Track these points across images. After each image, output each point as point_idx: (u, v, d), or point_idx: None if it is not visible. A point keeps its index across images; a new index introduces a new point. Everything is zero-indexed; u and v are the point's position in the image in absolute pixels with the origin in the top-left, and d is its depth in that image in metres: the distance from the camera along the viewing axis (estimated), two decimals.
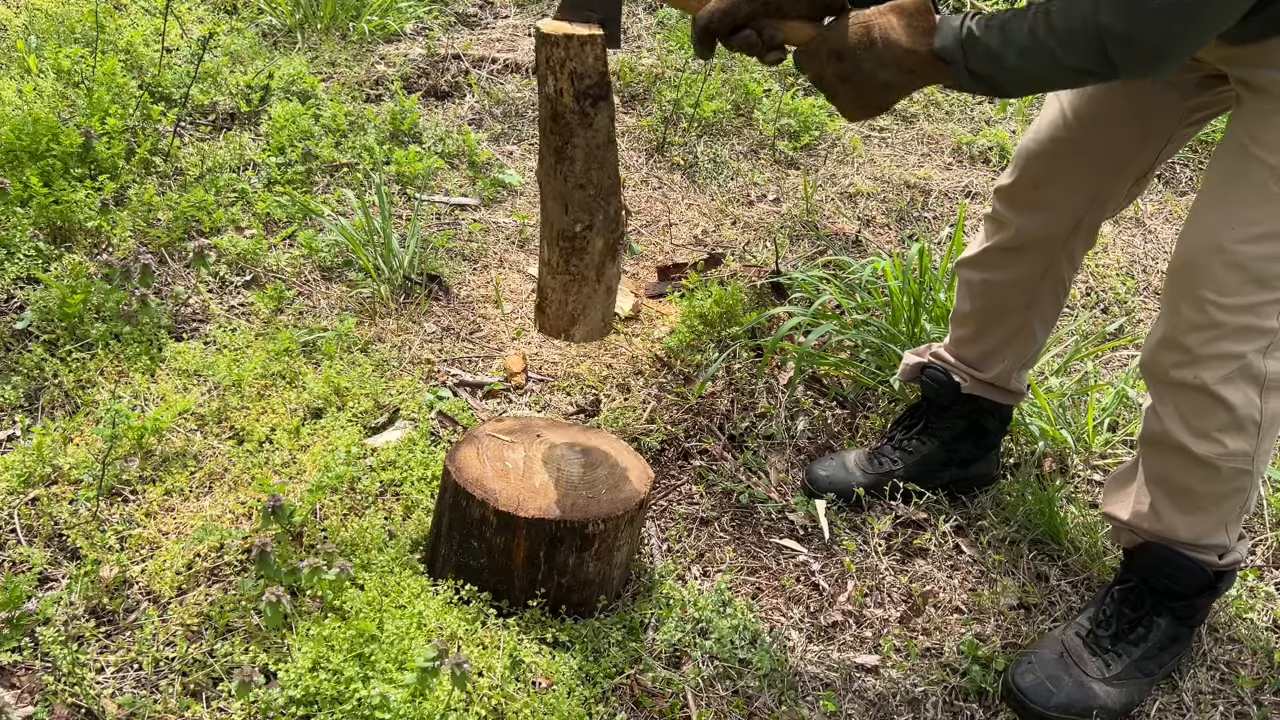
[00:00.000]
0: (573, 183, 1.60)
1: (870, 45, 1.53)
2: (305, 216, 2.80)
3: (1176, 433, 1.65)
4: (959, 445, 2.17)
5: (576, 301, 1.70)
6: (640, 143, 3.45)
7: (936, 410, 2.16)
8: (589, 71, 1.52)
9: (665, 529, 2.07)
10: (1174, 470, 1.70)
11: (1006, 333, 2.04)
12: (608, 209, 1.63)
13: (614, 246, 1.67)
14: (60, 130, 2.65)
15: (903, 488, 2.14)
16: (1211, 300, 1.56)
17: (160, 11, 3.61)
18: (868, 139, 3.67)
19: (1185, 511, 1.72)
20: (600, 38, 1.52)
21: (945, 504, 2.17)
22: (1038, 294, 1.99)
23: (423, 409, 2.22)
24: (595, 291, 1.69)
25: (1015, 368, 2.09)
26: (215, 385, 2.17)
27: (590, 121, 1.55)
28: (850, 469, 2.18)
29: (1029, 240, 1.93)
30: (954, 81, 1.53)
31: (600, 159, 1.59)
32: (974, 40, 1.47)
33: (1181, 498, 1.71)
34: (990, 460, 2.21)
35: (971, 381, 2.10)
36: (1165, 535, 1.75)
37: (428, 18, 4.05)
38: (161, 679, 1.63)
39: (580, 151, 1.57)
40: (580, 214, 1.62)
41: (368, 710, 1.52)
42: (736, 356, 2.48)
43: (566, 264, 1.67)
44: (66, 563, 1.81)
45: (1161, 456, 1.71)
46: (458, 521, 1.75)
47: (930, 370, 2.14)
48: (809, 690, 1.79)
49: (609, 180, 1.61)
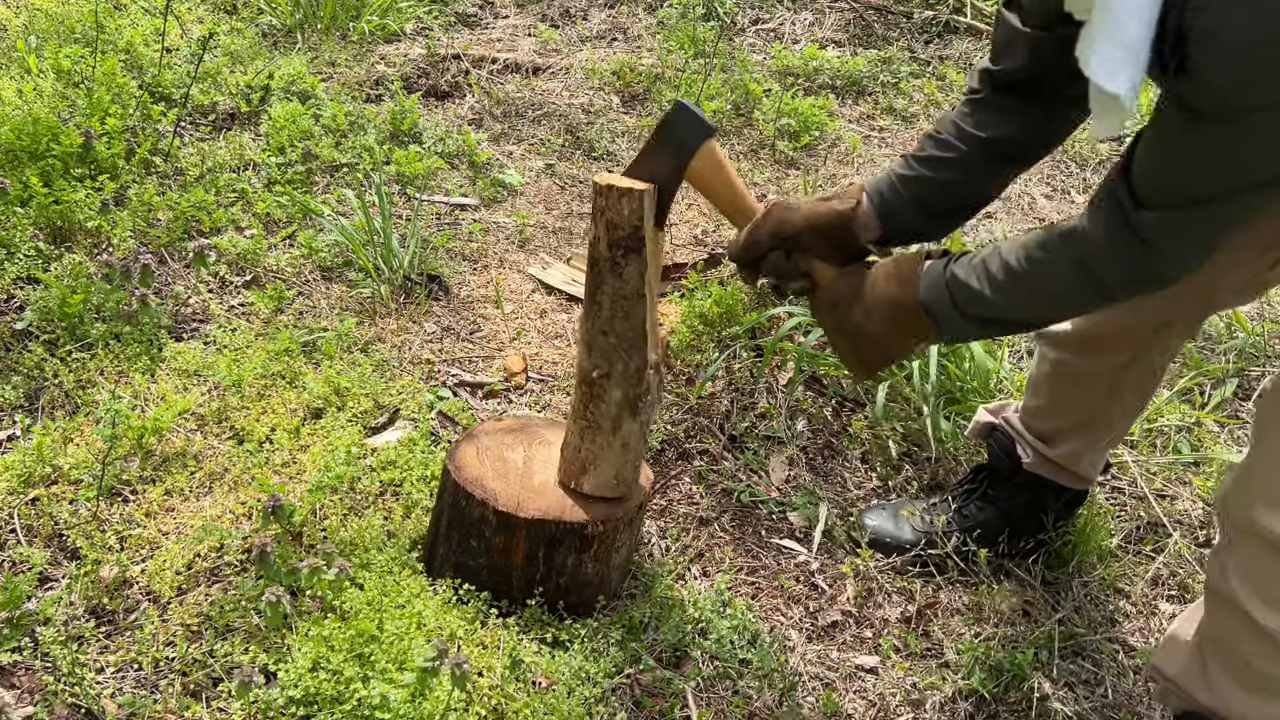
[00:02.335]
0: (598, 328, 1.63)
1: (860, 297, 1.54)
2: (305, 216, 2.80)
3: (1241, 594, 1.44)
4: (1017, 519, 2.02)
5: (589, 450, 1.71)
6: (640, 143, 3.45)
7: (998, 478, 2.03)
8: (623, 224, 1.55)
9: (665, 529, 2.07)
10: (1233, 637, 1.49)
11: (1081, 416, 1.89)
12: (629, 361, 1.64)
13: (634, 403, 1.67)
14: (60, 130, 2.65)
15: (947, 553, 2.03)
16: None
17: (160, 11, 3.61)
18: (868, 139, 3.66)
19: (1246, 689, 1.50)
20: (640, 194, 1.53)
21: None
22: (1120, 383, 1.81)
23: (423, 409, 2.22)
24: (610, 444, 1.69)
25: (1086, 452, 1.93)
26: (215, 385, 2.17)
27: (620, 272, 1.58)
28: (900, 525, 2.07)
29: (1109, 330, 1.75)
30: (947, 331, 1.49)
31: (626, 310, 1.60)
32: (956, 281, 1.44)
33: (1242, 673, 1.49)
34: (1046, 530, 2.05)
35: (1036, 458, 1.95)
36: (1219, 712, 1.53)
37: (428, 18, 4.05)
38: (161, 679, 1.63)
39: (607, 298, 1.60)
40: (599, 360, 1.64)
41: (368, 710, 1.52)
42: (736, 356, 2.48)
43: (585, 410, 1.69)
44: (66, 563, 1.81)
45: (1222, 616, 1.50)
46: (457, 521, 1.75)
47: (997, 435, 2.01)
48: (809, 690, 1.79)
49: (633, 333, 1.62)
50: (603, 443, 1.69)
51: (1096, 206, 1.33)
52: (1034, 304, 1.44)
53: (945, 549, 2.03)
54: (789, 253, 1.60)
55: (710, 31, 4.07)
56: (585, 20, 4.31)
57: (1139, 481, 2.30)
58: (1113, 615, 2.02)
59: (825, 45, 4.32)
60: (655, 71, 3.78)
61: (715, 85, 3.66)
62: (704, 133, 1.56)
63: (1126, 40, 1.10)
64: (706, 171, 1.59)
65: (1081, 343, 1.81)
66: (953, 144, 1.57)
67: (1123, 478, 2.32)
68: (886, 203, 1.60)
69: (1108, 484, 2.31)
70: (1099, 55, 1.13)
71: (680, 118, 1.56)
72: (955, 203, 1.62)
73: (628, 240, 1.56)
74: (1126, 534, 2.18)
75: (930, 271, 1.48)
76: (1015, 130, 1.55)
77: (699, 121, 1.56)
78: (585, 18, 4.33)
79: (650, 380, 1.67)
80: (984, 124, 1.55)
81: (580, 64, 3.87)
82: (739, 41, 4.24)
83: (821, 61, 4.01)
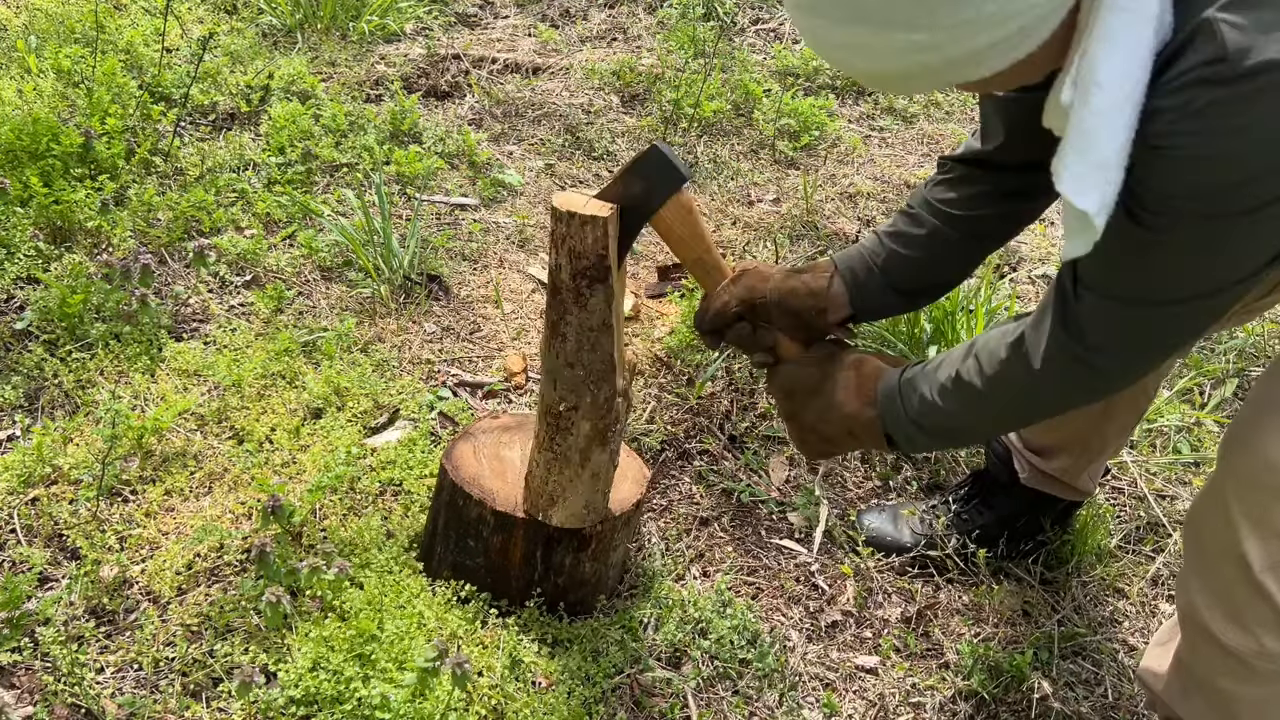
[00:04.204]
0: (563, 360, 1.55)
1: (819, 393, 1.51)
2: (305, 216, 2.80)
3: (1204, 612, 1.41)
4: (1016, 525, 2.03)
5: (557, 483, 1.64)
6: (640, 143, 3.44)
7: (996, 486, 2.03)
8: (587, 252, 1.46)
9: (665, 529, 2.07)
10: (1203, 659, 1.46)
11: (1076, 434, 1.87)
12: (597, 394, 1.57)
13: (604, 433, 1.60)
14: (60, 130, 2.65)
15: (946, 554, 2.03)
16: (1263, 461, 1.31)
17: (160, 11, 3.61)
18: (868, 139, 3.66)
19: (1221, 717, 1.48)
20: (604, 220, 1.44)
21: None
22: (1114, 404, 1.80)
23: (423, 409, 2.22)
24: (578, 476, 1.63)
25: (1082, 467, 1.93)
26: (215, 385, 2.18)
27: (584, 303, 1.50)
28: (899, 527, 2.07)
29: None
30: (901, 441, 1.45)
31: (593, 342, 1.53)
32: (909, 391, 1.42)
33: (1215, 698, 1.47)
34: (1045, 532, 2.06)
35: (1031, 472, 1.96)
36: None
37: (428, 18, 4.05)
38: (161, 679, 1.63)
39: (573, 330, 1.52)
40: (566, 393, 1.57)
41: (368, 710, 1.52)
42: (736, 356, 2.48)
43: (550, 442, 1.62)
44: (66, 563, 1.81)
45: (1192, 636, 1.48)
46: (454, 520, 1.75)
47: (994, 446, 2.01)
48: (809, 690, 1.79)
49: (600, 365, 1.55)
50: (571, 474, 1.63)
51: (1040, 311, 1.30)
52: (980, 414, 1.40)
53: (945, 551, 2.03)
54: (753, 323, 1.58)
55: (710, 31, 4.07)
56: (585, 20, 4.31)
57: (1139, 481, 2.30)
58: (1112, 615, 2.02)
59: None
60: (655, 71, 3.78)
61: (715, 85, 3.66)
62: (676, 181, 1.47)
63: (1098, 158, 1.08)
64: (675, 221, 1.50)
65: None
66: (925, 219, 1.57)
67: (1123, 478, 2.32)
68: (859, 283, 1.59)
69: (1108, 484, 2.31)
70: (1070, 171, 1.10)
71: (654, 159, 1.46)
72: (926, 282, 1.61)
73: (592, 270, 1.47)
74: (1126, 534, 2.18)
75: (886, 383, 1.47)
76: (988, 208, 1.53)
77: (672, 168, 1.46)
78: (585, 18, 4.34)
79: (619, 408, 1.60)
80: (955, 201, 1.54)
81: (580, 64, 3.87)
82: (739, 41, 4.24)
83: (821, 61, 4.01)
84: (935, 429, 1.42)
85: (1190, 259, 1.14)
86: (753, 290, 1.58)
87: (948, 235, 1.55)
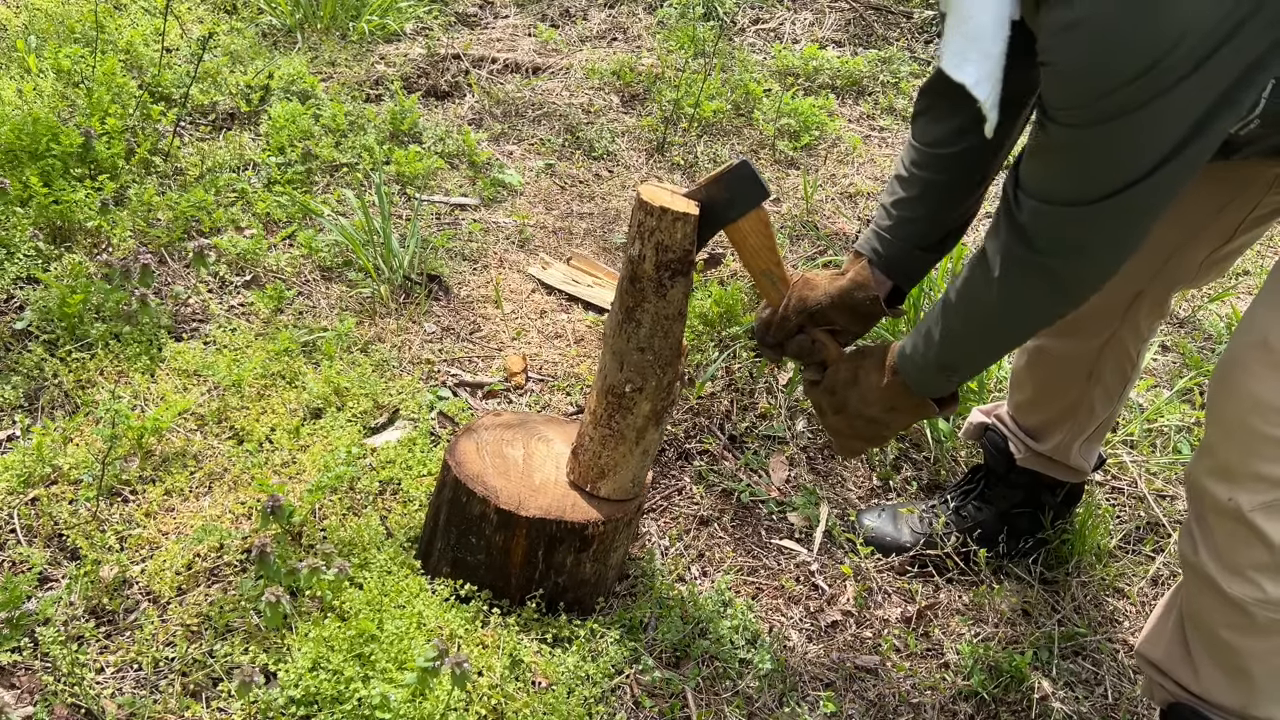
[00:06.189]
0: (634, 344, 1.63)
1: (855, 384, 1.61)
2: (305, 216, 2.80)
3: (1207, 564, 1.45)
4: (1016, 517, 2.05)
5: (610, 458, 1.71)
6: (640, 143, 3.45)
7: (995, 477, 2.05)
8: (674, 246, 1.54)
9: (665, 529, 2.07)
10: (1207, 611, 1.48)
11: (1065, 404, 1.92)
12: (662, 378, 1.65)
13: (660, 414, 1.69)
14: (60, 130, 2.65)
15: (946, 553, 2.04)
16: (1251, 401, 1.36)
17: (160, 11, 3.61)
18: (868, 139, 3.66)
19: (1227, 673, 1.48)
20: (694, 218, 1.53)
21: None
22: (1097, 366, 1.86)
23: (422, 409, 2.22)
24: (631, 453, 1.71)
25: (1075, 441, 1.95)
26: (215, 385, 2.17)
27: (664, 293, 1.58)
28: (899, 526, 2.08)
29: (1082, 312, 1.74)
30: (918, 385, 1.54)
31: (666, 329, 1.61)
32: (915, 336, 1.51)
33: (1220, 652, 1.48)
34: (1045, 529, 2.07)
35: (1028, 453, 1.98)
36: (1203, 698, 1.52)
37: (428, 18, 4.05)
38: (161, 679, 1.63)
39: (648, 317, 1.60)
40: (633, 375, 1.65)
41: (368, 710, 1.52)
42: (736, 356, 2.48)
43: (609, 419, 1.69)
44: (66, 563, 1.81)
45: (1195, 590, 1.50)
46: (456, 517, 1.74)
47: (991, 434, 2.04)
48: (809, 690, 1.79)
49: (670, 351, 1.63)
50: (624, 451, 1.71)
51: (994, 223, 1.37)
52: (968, 328, 1.46)
53: (945, 550, 2.03)
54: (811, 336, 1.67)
55: (710, 31, 4.07)
56: (585, 20, 4.31)
57: (1139, 482, 2.30)
58: (1112, 615, 2.02)
59: (825, 45, 4.33)
60: (655, 71, 3.78)
61: (715, 85, 3.66)
62: (760, 195, 1.58)
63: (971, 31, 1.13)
64: (751, 233, 1.61)
65: (1056, 327, 1.81)
66: (915, 177, 1.61)
67: (1123, 478, 2.32)
68: (888, 257, 1.64)
69: (1107, 484, 2.31)
70: (949, 47, 1.16)
71: (743, 173, 1.56)
72: (943, 230, 1.65)
73: (676, 263, 1.55)
74: (1126, 534, 2.18)
75: (899, 345, 1.57)
76: (971, 138, 1.55)
77: (759, 184, 1.57)
78: (585, 17, 4.34)
79: (676, 391, 1.69)
80: (940, 139, 1.57)
81: (580, 64, 3.87)
82: (739, 41, 4.24)
83: (821, 61, 4.01)
84: (945, 361, 1.50)
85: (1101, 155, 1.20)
86: (805, 300, 1.65)
87: (941, 182, 1.59)
